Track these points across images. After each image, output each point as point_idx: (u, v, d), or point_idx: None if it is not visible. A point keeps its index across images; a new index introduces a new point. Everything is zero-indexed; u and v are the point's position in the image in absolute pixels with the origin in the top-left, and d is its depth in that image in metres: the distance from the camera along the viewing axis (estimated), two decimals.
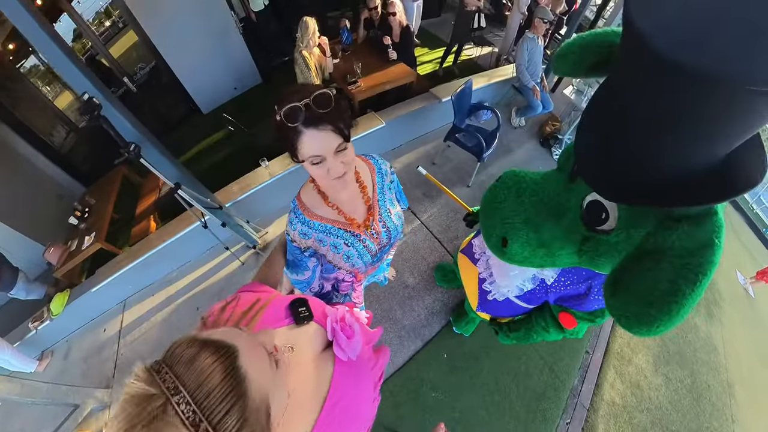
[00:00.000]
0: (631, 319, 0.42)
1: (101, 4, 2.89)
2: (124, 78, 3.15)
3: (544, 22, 2.31)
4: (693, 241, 0.38)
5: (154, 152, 1.28)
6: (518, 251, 0.59)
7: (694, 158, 0.35)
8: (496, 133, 2.15)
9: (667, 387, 1.96)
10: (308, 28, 2.00)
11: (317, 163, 0.52)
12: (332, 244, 0.71)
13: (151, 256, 1.78)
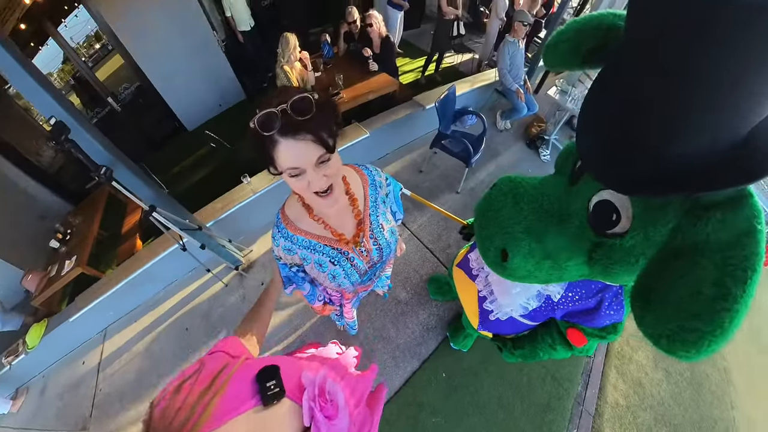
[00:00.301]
0: (674, 339, 0.33)
1: (89, 29, 2.91)
2: (108, 98, 3.13)
3: (524, 24, 2.35)
4: (730, 232, 0.32)
5: (127, 174, 1.23)
6: (521, 265, 0.50)
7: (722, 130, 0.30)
8: (483, 138, 2.15)
9: (667, 381, 1.95)
10: (289, 43, 2.07)
11: (296, 175, 0.47)
12: (317, 261, 0.65)
13: (134, 279, 1.71)
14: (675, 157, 0.33)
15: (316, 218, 0.63)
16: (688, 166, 0.32)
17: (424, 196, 2.17)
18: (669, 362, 2.08)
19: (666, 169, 0.34)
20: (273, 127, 0.42)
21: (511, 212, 0.52)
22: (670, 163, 0.33)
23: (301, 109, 0.42)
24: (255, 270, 1.90)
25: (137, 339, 1.78)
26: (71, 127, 1.01)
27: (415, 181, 2.32)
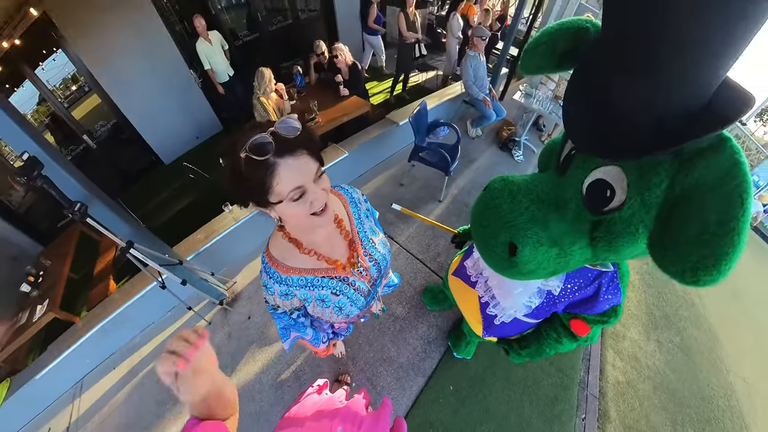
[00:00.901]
0: (696, 269, 0.37)
1: (67, 72, 2.92)
2: (84, 136, 3.08)
3: (482, 39, 2.58)
4: (718, 171, 0.37)
5: (103, 210, 1.20)
6: (530, 256, 0.50)
7: (698, 86, 0.35)
8: (458, 146, 2.28)
9: (660, 351, 2.05)
10: (264, 76, 2.21)
11: (298, 198, 0.44)
12: (318, 298, 0.61)
13: (111, 322, 1.58)
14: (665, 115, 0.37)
15: (307, 251, 0.58)
16: (674, 121, 0.37)
17: (408, 208, 2.27)
18: (659, 333, 2.19)
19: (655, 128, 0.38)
20: (268, 150, 0.40)
21: (510, 207, 0.52)
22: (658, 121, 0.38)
23: (290, 128, 0.42)
24: (240, 303, 1.82)
25: (116, 389, 1.61)
26: (44, 163, 0.98)
27: (397, 195, 2.39)
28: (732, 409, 1.94)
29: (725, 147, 0.37)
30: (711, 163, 0.37)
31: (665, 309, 2.40)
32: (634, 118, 0.40)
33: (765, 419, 2.01)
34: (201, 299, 1.79)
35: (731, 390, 2.07)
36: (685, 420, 1.74)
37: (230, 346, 1.63)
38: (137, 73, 2.75)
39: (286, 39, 3.84)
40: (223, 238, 1.80)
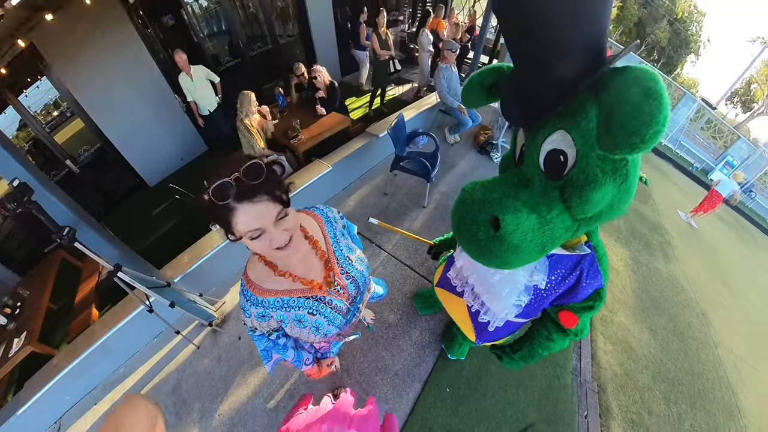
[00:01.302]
0: (640, 127, 0.44)
1: (50, 98, 2.98)
2: (67, 161, 3.09)
3: (452, 51, 2.77)
4: (628, 76, 0.44)
5: (90, 234, 1.20)
6: (514, 224, 0.54)
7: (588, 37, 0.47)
8: (437, 153, 2.39)
9: (654, 339, 2.09)
10: (246, 99, 2.31)
11: (257, 237, 0.47)
12: (294, 318, 0.62)
13: (92, 354, 1.51)
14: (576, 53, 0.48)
15: (283, 273, 0.60)
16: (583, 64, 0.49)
17: (392, 216, 2.34)
18: (651, 319, 2.26)
19: (571, 82, 0.50)
20: (228, 195, 0.43)
21: (484, 192, 0.60)
22: (576, 63, 0.49)
23: (254, 173, 0.44)
24: (230, 324, 1.80)
25: (99, 425, 1.53)
26: (34, 189, 1.00)
27: (381, 204, 2.45)
28: (720, 380, 2.00)
29: (628, 69, 0.46)
30: (621, 77, 0.46)
31: (652, 293, 2.48)
32: (547, 84, 0.53)
33: (750, 384, 2.09)
34: (188, 323, 1.76)
35: (719, 362, 2.13)
36: (678, 397, 1.78)
37: (221, 370, 1.60)
38: (121, 98, 2.82)
39: (266, 62, 4.04)
40: (210, 258, 1.78)
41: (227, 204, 0.44)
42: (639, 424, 1.59)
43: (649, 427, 1.60)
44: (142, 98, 2.97)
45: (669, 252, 3.16)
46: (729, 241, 4.67)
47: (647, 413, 1.65)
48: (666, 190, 4.95)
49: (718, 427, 1.74)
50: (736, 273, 3.63)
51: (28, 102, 2.83)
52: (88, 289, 2.15)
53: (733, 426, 1.78)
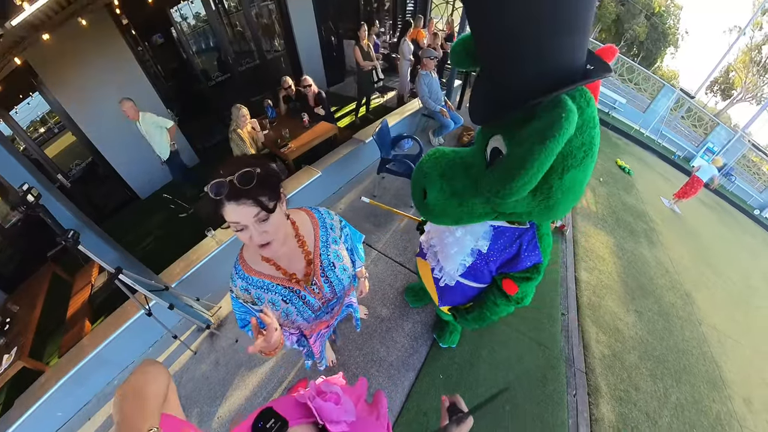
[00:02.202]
0: (502, 185, 0.54)
1: (38, 113, 3.08)
2: (58, 175, 3.16)
3: (431, 58, 2.98)
4: (546, 120, 0.49)
5: (92, 237, 1.27)
6: (435, 200, 0.73)
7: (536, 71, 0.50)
8: (421, 155, 2.56)
9: (641, 320, 2.21)
10: (239, 111, 2.49)
11: (240, 230, 0.57)
12: (270, 300, 0.71)
13: (85, 367, 1.50)
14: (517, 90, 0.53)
15: (268, 260, 0.70)
16: (527, 91, 0.52)
17: (382, 217, 2.45)
18: (637, 302, 2.39)
19: (510, 100, 0.55)
20: (221, 193, 0.53)
21: (431, 165, 0.77)
22: (519, 91, 0.54)
23: (245, 180, 0.54)
24: (227, 327, 1.84)
25: None
26: (42, 193, 1.09)
27: (370, 206, 2.55)
28: (704, 355, 2.12)
29: (558, 106, 0.49)
30: (544, 116, 0.50)
31: (639, 279, 2.62)
32: (496, 94, 0.59)
33: (734, 357, 2.22)
34: (184, 329, 1.80)
35: (703, 339, 2.26)
36: (664, 374, 1.88)
37: (219, 374, 1.65)
38: (114, 112, 2.85)
39: (255, 76, 4.25)
40: (205, 264, 1.85)
41: (220, 199, 0.54)
42: (626, 401, 1.69)
43: (637, 403, 1.69)
44: None
45: (653, 238, 3.32)
46: (710, 223, 4.89)
47: (635, 390, 1.75)
48: (649, 179, 5.18)
49: (703, 398, 1.84)
50: (718, 254, 3.81)
51: (18, 117, 2.94)
52: (81, 303, 2.16)
53: (718, 396, 1.89)
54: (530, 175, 0.52)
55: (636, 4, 15.99)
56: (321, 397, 0.49)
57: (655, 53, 17.70)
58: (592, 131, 0.58)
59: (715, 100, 18.88)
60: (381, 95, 4.44)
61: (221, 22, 3.76)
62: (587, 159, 0.60)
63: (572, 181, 0.61)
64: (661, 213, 4.07)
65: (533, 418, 1.50)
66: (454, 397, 0.64)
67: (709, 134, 7.55)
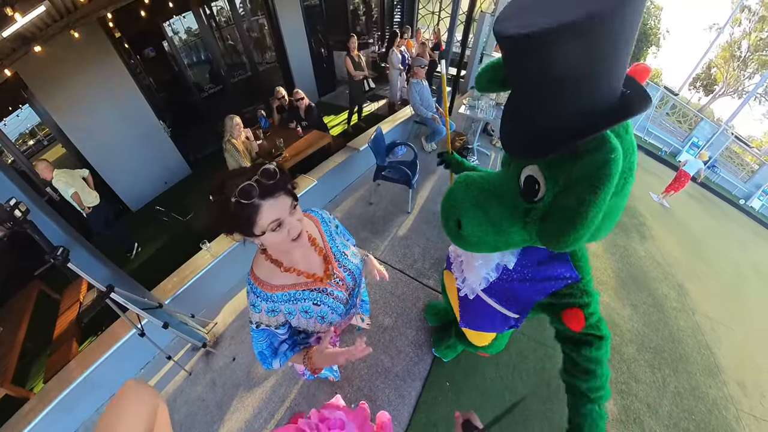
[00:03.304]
0: (557, 239, 0.53)
1: (27, 126, 3.08)
2: (47, 188, 3.15)
3: (422, 67, 3.13)
4: (593, 165, 0.48)
5: (82, 254, 1.23)
6: (471, 230, 0.70)
7: (573, 102, 0.48)
8: (416, 161, 2.66)
9: (636, 313, 2.31)
10: (232, 122, 2.56)
11: (276, 228, 0.55)
12: (302, 310, 0.71)
13: (72, 393, 1.42)
14: (556, 123, 0.51)
15: (288, 269, 0.69)
16: (564, 131, 0.50)
17: (379, 224, 2.53)
18: (632, 295, 2.49)
19: (552, 136, 0.52)
20: (253, 195, 0.52)
21: (463, 193, 0.73)
22: (554, 131, 0.52)
23: (270, 174, 0.54)
24: (223, 345, 1.79)
25: None
26: (30, 209, 1.06)
27: (367, 214, 2.64)
28: (699, 343, 2.23)
29: (603, 147, 0.47)
30: (589, 158, 0.49)
31: (632, 272, 2.73)
32: (535, 130, 0.57)
33: (727, 343, 2.33)
34: (178, 349, 1.76)
35: (697, 327, 2.37)
36: (661, 364, 1.96)
37: (216, 395, 1.58)
38: (105, 124, 2.97)
39: (247, 88, 4.38)
40: (201, 278, 1.82)
41: (253, 202, 0.52)
42: (627, 393, 1.76)
43: (637, 394, 1.76)
44: (127, 124, 3.14)
45: (644, 232, 3.48)
46: (699, 215, 5.12)
47: (634, 382, 1.82)
48: (637, 175, 5.43)
49: (700, 385, 1.93)
50: (707, 244, 4.00)
51: (7, 129, 2.95)
52: (68, 322, 2.07)
53: (713, 382, 1.98)
54: (586, 226, 0.50)
55: None
56: (324, 424, 0.49)
57: (637, 53, 18.67)
58: (632, 157, 0.57)
59: (698, 95, 19.88)
60: (372, 103, 4.61)
61: (213, 36, 3.90)
62: (627, 186, 0.58)
63: (613, 207, 0.60)
64: (651, 208, 4.26)
65: (540, 417, 1.54)
66: (469, 413, 0.61)
67: (693, 129, 7.98)
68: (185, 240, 2.69)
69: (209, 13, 3.82)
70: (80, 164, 3.18)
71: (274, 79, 4.59)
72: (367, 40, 5.34)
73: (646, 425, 1.64)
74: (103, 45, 2.85)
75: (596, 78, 0.47)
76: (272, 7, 4.04)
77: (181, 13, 3.60)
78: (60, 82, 2.66)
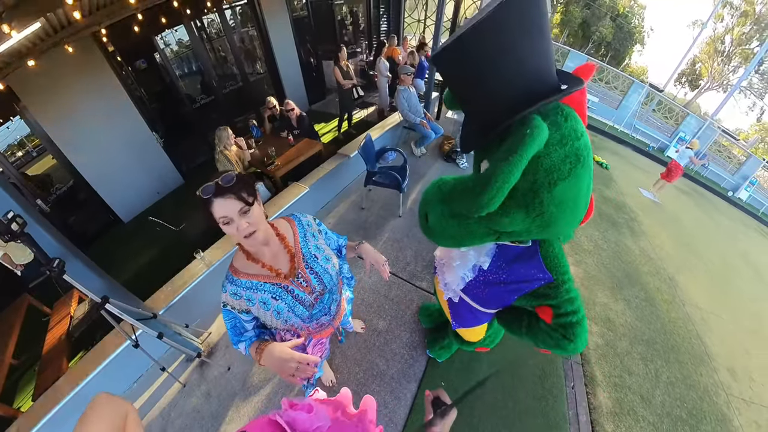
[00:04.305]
0: (476, 200, 0.61)
1: (15, 137, 3.08)
2: (37, 200, 3.14)
3: (408, 74, 3.27)
4: (511, 140, 0.57)
5: (78, 266, 1.25)
6: (434, 221, 0.82)
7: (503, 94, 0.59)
8: (406, 166, 2.74)
9: (629, 307, 2.39)
10: (224, 133, 2.65)
11: (226, 223, 0.69)
12: (260, 300, 0.79)
13: (62, 411, 1.39)
14: (492, 113, 0.62)
15: (255, 260, 0.80)
16: (495, 120, 0.61)
17: (371, 229, 2.60)
18: (625, 291, 2.58)
19: (489, 124, 0.63)
20: (208, 192, 0.67)
21: (434, 193, 0.86)
22: (490, 119, 0.62)
23: (226, 180, 0.69)
24: (218, 355, 1.79)
25: None
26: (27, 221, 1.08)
27: (360, 219, 2.71)
28: (690, 333, 2.32)
29: (522, 126, 0.57)
30: (511, 138, 0.59)
31: (626, 268, 2.82)
32: (476, 124, 0.71)
33: (717, 332, 2.43)
34: (172, 359, 1.75)
35: (688, 318, 2.47)
36: (654, 355, 2.04)
37: (211, 406, 1.58)
38: (98, 136, 3.01)
39: (238, 98, 4.49)
40: (194, 288, 1.83)
41: (208, 198, 0.68)
42: (621, 386, 1.82)
43: (631, 386, 1.82)
44: (119, 135, 3.20)
45: (635, 227, 3.61)
46: (688, 209, 5.30)
47: (628, 374, 1.89)
48: (626, 171, 5.60)
49: (691, 373, 2.00)
50: (697, 237, 4.14)
51: None
52: (58, 336, 2.02)
53: (704, 370, 2.05)
54: (495, 190, 0.58)
55: (601, 7, 17.79)
56: (293, 408, 0.52)
57: (622, 52, 19.47)
58: (575, 143, 0.62)
59: (684, 91, 20.68)
60: (362, 110, 4.76)
61: (204, 48, 4.01)
62: (575, 170, 0.63)
63: (563, 193, 0.64)
64: (641, 203, 4.41)
65: (535, 414, 1.58)
66: (438, 391, 0.67)
67: (680, 124, 8.30)
68: (178, 249, 2.70)
69: (200, 25, 3.96)
70: (70, 175, 3.21)
71: (265, 89, 4.71)
72: (355, 49, 5.54)
73: (640, 416, 1.70)
74: (96, 58, 2.93)
75: (509, 70, 0.56)
76: (262, 20, 4.19)
77: (173, 26, 3.71)
78: (53, 95, 2.72)
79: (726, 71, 16.93)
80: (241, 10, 4.39)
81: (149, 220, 3.16)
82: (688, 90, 20.26)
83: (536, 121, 0.55)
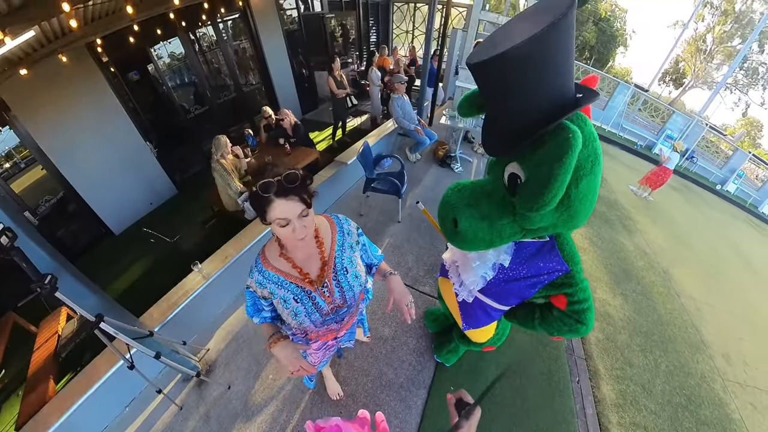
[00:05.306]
0: (536, 201, 0.67)
1: (5, 148, 3.03)
2: (26, 212, 3.09)
3: (401, 83, 3.45)
4: (556, 144, 0.63)
5: (70, 282, 1.19)
6: (467, 226, 0.82)
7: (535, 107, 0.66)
8: (403, 172, 2.85)
9: (626, 301, 2.52)
10: (220, 142, 2.72)
11: (284, 225, 0.66)
12: (282, 297, 0.80)
13: None
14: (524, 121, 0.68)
15: (286, 258, 0.79)
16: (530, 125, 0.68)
17: (370, 235, 2.64)
18: (622, 286, 2.71)
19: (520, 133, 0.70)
20: (270, 190, 0.63)
21: (456, 197, 0.88)
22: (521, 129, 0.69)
23: (291, 179, 0.64)
24: (217, 373, 1.73)
25: None
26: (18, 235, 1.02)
27: (359, 225, 2.79)
28: (685, 323, 2.45)
29: (563, 131, 0.63)
30: (553, 141, 0.65)
31: (622, 265, 2.97)
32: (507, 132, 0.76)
33: (711, 320, 2.58)
34: (168, 379, 1.68)
35: (683, 309, 2.61)
36: (652, 346, 2.15)
37: (210, 429, 1.50)
38: (90, 146, 3.01)
39: (233, 108, 4.62)
40: (192, 302, 1.78)
41: (268, 197, 0.64)
42: (623, 378, 1.91)
43: (632, 378, 1.92)
44: (112, 146, 3.21)
45: (628, 224, 3.80)
46: (679, 204, 5.56)
47: (629, 366, 1.99)
48: (616, 170, 5.87)
49: (688, 362, 2.12)
50: (689, 230, 4.36)
51: None
52: (45, 358, 1.93)
53: (700, 357, 2.18)
54: (557, 188, 0.64)
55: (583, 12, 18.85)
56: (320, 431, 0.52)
57: (606, 54, 20.52)
58: (594, 143, 0.73)
59: (668, 89, 21.83)
60: (355, 118, 4.96)
61: (198, 60, 4.14)
62: (595, 167, 0.74)
63: (586, 188, 0.74)
64: (633, 201, 4.63)
65: (544, 410, 1.64)
66: (459, 392, 0.66)
67: (666, 122, 8.81)
68: (173, 262, 2.73)
69: (194, 38, 4.11)
70: (60, 186, 3.18)
71: (259, 99, 4.87)
72: (347, 59, 5.80)
73: (642, 405, 1.79)
74: (89, 67, 2.96)
75: (544, 85, 0.64)
76: (255, 33, 4.38)
77: (167, 38, 3.84)
78: (44, 104, 2.72)
79: (709, 69, 17.67)
80: (235, 24, 4.58)
81: (142, 232, 3.18)
82: (672, 88, 21.40)
83: (574, 127, 0.62)
